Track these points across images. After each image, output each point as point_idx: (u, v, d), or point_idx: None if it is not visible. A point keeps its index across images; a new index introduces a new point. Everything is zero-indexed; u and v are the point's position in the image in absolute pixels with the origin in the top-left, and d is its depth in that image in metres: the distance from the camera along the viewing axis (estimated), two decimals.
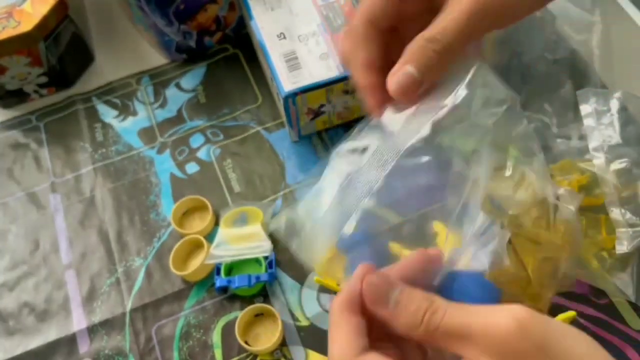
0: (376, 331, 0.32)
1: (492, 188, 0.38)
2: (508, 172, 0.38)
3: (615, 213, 0.46)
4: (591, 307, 0.47)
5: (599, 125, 0.49)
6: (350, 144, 0.37)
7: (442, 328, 0.29)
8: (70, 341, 0.50)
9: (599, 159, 0.48)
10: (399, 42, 0.36)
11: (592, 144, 0.49)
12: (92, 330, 0.50)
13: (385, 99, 0.36)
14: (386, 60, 0.36)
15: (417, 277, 0.32)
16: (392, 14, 0.37)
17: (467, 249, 0.35)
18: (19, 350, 0.49)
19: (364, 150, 0.37)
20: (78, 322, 0.51)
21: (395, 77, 0.34)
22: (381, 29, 0.37)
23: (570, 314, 0.46)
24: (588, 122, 0.50)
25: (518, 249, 0.40)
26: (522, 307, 0.27)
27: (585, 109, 0.51)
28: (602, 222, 0.48)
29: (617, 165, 0.48)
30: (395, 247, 0.50)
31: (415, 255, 0.34)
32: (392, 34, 0.37)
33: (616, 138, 0.49)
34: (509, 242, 0.38)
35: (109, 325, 0.50)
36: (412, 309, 0.30)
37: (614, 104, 0.50)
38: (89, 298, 0.52)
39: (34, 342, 0.50)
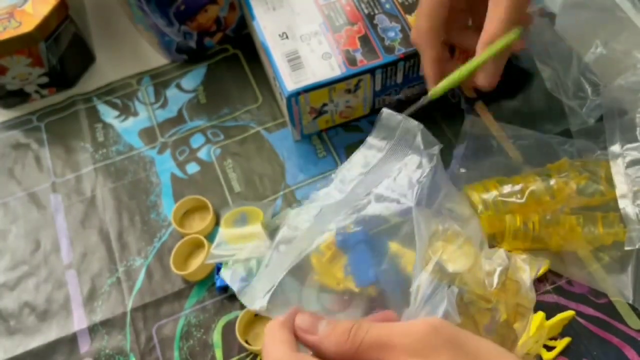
0: None
1: (433, 251, 0.42)
2: (441, 236, 0.43)
3: (628, 210, 0.46)
4: (590, 306, 0.47)
5: (618, 124, 0.50)
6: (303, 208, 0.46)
7: (366, 340, 0.32)
8: (70, 341, 0.50)
9: (615, 158, 0.48)
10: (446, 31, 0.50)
11: (610, 142, 0.49)
12: (92, 330, 0.50)
13: (440, 78, 0.49)
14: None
15: None
16: (445, 17, 0.49)
17: (419, 311, 0.37)
18: (19, 350, 0.49)
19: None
20: (79, 321, 0.51)
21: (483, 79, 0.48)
22: (440, 29, 0.49)
23: (569, 313, 0.47)
24: (608, 120, 0.51)
25: (469, 307, 0.42)
26: (435, 317, 0.33)
27: (606, 107, 0.51)
28: (599, 219, 0.48)
29: (633, 164, 0.48)
30: (395, 247, 0.50)
31: (377, 316, 0.39)
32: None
33: (634, 138, 0.49)
34: (461, 299, 0.41)
35: (109, 324, 0.50)
36: (339, 330, 0.34)
37: (635, 104, 0.50)
38: (90, 298, 0.52)
39: (35, 342, 0.50)
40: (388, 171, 0.44)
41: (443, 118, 0.58)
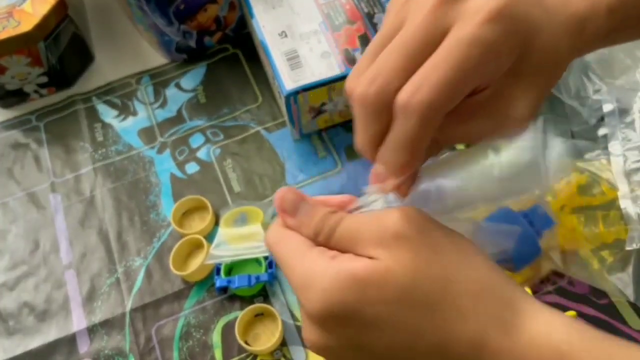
0: None
1: None
2: None
3: (629, 210, 0.46)
4: (591, 307, 0.47)
5: (619, 123, 0.50)
6: None
7: (338, 232, 0.30)
8: (70, 341, 0.50)
9: (616, 157, 0.48)
10: None
11: (612, 142, 0.49)
12: (92, 330, 0.50)
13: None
14: None
15: None
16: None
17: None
18: (19, 350, 0.49)
19: None
20: (78, 322, 0.51)
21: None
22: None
23: (570, 314, 0.46)
24: (609, 120, 0.50)
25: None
26: (411, 207, 0.29)
27: (607, 107, 0.51)
28: (600, 218, 0.48)
29: (634, 164, 0.48)
30: None
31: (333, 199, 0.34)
32: None
33: (636, 138, 0.49)
34: None
35: (109, 325, 0.50)
36: (316, 218, 0.31)
37: (637, 104, 0.50)
38: (89, 298, 0.52)
39: (34, 342, 0.50)
40: None
41: None
